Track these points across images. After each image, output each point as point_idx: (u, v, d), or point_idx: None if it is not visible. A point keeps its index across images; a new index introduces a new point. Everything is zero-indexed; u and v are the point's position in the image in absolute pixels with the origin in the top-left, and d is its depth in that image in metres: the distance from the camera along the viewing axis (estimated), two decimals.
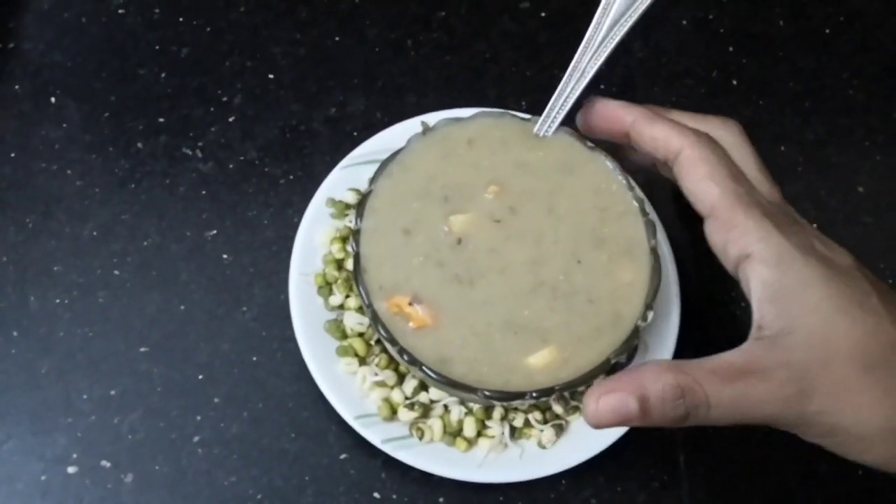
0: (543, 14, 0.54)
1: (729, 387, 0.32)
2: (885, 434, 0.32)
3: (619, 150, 0.41)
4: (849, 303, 0.32)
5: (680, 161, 0.36)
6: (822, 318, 0.32)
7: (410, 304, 0.37)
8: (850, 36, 0.55)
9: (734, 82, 0.53)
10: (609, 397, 0.32)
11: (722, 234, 0.34)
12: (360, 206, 0.39)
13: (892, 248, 0.49)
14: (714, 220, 0.35)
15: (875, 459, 0.33)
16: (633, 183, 0.40)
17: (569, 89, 0.39)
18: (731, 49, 0.54)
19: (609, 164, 0.40)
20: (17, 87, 0.49)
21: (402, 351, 0.36)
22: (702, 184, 0.35)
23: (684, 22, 0.55)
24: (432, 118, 0.44)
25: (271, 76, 0.51)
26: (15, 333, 0.43)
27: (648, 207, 0.41)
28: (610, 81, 0.52)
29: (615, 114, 0.38)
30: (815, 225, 0.49)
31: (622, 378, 0.33)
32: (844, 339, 0.32)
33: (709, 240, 0.36)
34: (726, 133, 0.38)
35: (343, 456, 0.42)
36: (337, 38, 0.52)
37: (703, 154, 0.35)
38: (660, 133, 0.37)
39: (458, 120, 0.41)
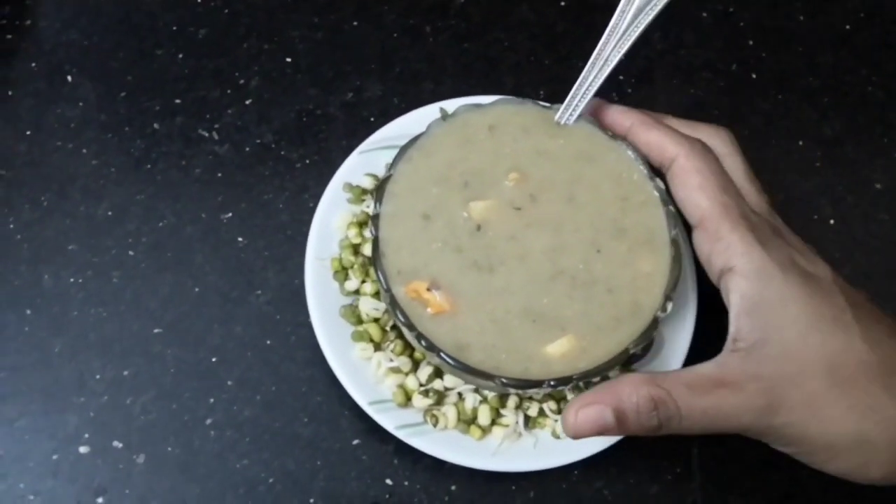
0: (562, 3, 0.54)
1: (701, 399, 0.33)
2: (849, 445, 0.33)
3: None
4: (823, 319, 0.34)
5: (673, 170, 0.37)
6: (796, 333, 0.33)
7: (429, 289, 0.37)
8: (870, 32, 0.54)
9: (753, 76, 0.53)
10: (588, 410, 0.34)
11: (707, 245, 0.36)
12: (380, 190, 0.38)
13: None
14: (702, 230, 0.36)
15: (839, 468, 0.34)
16: (655, 173, 0.40)
17: (591, 78, 0.39)
18: (750, 43, 0.54)
19: (630, 153, 0.40)
20: (33, 64, 0.49)
21: (419, 336, 0.36)
22: (693, 194, 0.36)
23: (704, 14, 0.54)
24: (450, 105, 0.44)
25: (288, 60, 0.50)
26: (28, 312, 0.43)
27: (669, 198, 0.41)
28: (629, 73, 0.52)
29: (614, 118, 0.40)
30: (831, 221, 0.49)
31: (600, 391, 0.34)
32: (816, 354, 0.33)
33: (696, 249, 0.37)
34: (718, 142, 0.39)
35: (356, 441, 0.42)
36: (354, 24, 0.52)
37: (696, 165, 0.36)
38: (655, 139, 0.38)
39: (478, 106, 0.41)
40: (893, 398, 0.33)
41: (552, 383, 0.36)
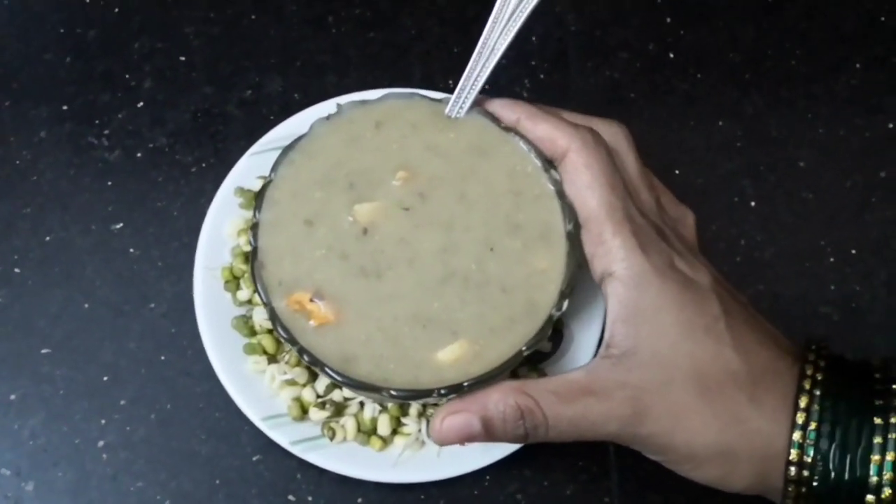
0: None
1: (567, 407, 0.33)
2: (712, 455, 0.33)
3: None
4: (695, 328, 0.33)
5: (564, 164, 0.36)
6: (668, 342, 0.33)
7: (312, 299, 0.35)
8: (793, 3, 0.52)
9: (671, 55, 0.51)
10: (453, 418, 0.33)
11: (591, 247, 0.35)
12: (259, 196, 0.36)
13: (834, 225, 0.48)
14: (586, 231, 0.35)
15: (705, 477, 0.34)
16: (550, 164, 0.38)
17: (479, 68, 0.37)
18: (668, 20, 0.52)
19: (524, 145, 0.38)
20: None
21: (302, 351, 0.34)
22: (581, 193, 0.35)
23: None
24: (348, 100, 0.42)
25: (182, 58, 0.48)
26: None
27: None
28: (542, 56, 0.50)
29: (499, 113, 0.38)
30: (752, 203, 0.48)
31: (468, 399, 0.34)
32: (684, 363, 0.33)
33: (584, 248, 0.36)
34: (611, 138, 0.37)
35: (256, 457, 0.40)
36: (253, 16, 0.49)
37: (585, 160, 0.35)
38: (544, 132, 0.36)
39: (364, 102, 0.39)
40: (757, 409, 0.32)
41: (443, 391, 0.34)
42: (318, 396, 0.39)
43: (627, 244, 0.33)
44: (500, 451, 0.39)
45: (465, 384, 0.34)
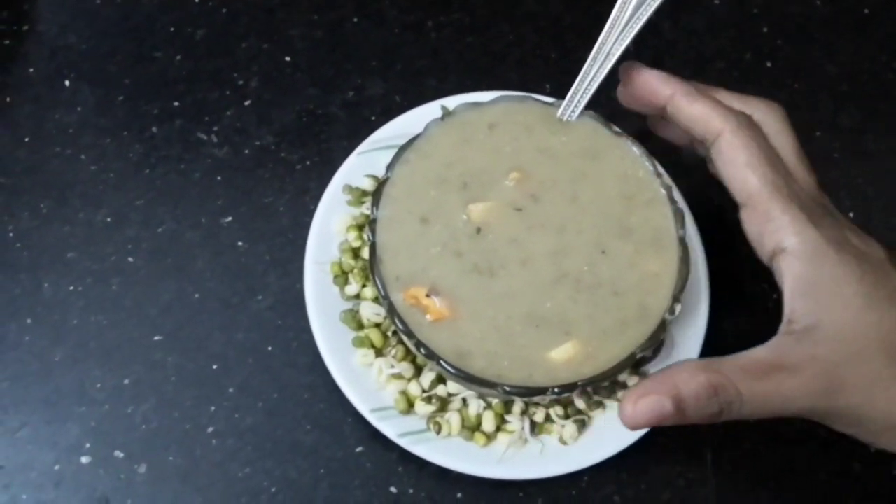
0: None
1: (760, 383, 0.32)
2: None
3: (651, 121, 0.41)
4: (878, 298, 0.32)
5: (719, 145, 0.35)
6: (852, 313, 0.32)
7: (428, 295, 0.36)
8: (889, 16, 0.52)
9: (768, 65, 0.51)
10: (646, 400, 0.33)
11: (758, 225, 0.34)
12: (377, 194, 0.37)
13: None
14: (751, 210, 0.35)
15: None
16: (660, 169, 0.38)
17: (593, 72, 0.38)
18: (765, 30, 0.52)
19: (636, 149, 0.38)
20: (31, 70, 0.48)
21: (419, 344, 0.35)
22: (741, 171, 0.35)
23: (716, 1, 0.53)
24: (452, 102, 0.43)
25: (288, 59, 0.49)
26: (28, 321, 0.43)
27: (677, 195, 0.39)
28: None
29: (652, 86, 0.37)
30: (851, 214, 0.48)
31: (656, 379, 0.33)
32: (873, 334, 0.32)
33: (744, 228, 0.35)
34: (769, 117, 0.37)
35: (359, 449, 0.41)
36: (355, 20, 0.51)
37: (743, 140, 0.35)
38: (699, 112, 0.36)
39: (478, 104, 0.39)
40: None
41: (556, 390, 0.35)
42: (424, 391, 0.40)
43: (799, 219, 0.33)
44: (602, 452, 0.39)
45: (580, 383, 0.35)
